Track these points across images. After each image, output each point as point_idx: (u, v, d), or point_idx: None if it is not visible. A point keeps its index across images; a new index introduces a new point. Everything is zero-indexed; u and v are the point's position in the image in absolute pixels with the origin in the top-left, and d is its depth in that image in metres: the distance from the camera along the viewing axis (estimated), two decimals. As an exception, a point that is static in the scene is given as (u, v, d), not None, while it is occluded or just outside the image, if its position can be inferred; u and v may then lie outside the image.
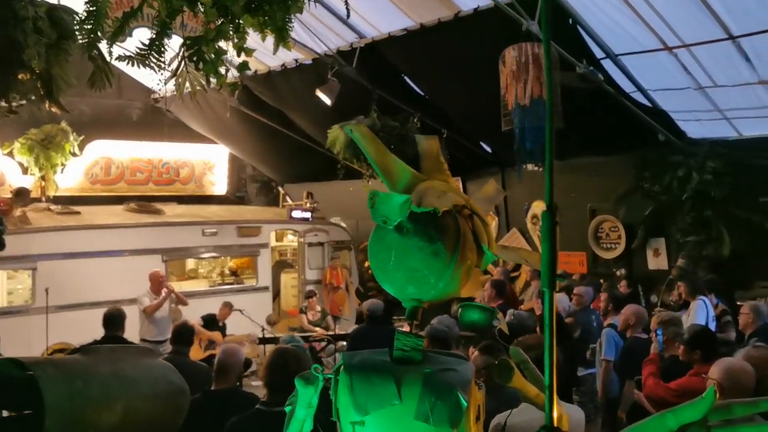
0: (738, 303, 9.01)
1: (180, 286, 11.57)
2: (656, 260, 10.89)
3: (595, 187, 11.23)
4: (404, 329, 1.78)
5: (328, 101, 10.22)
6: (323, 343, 10.67)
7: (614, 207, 11.09)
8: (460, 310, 1.87)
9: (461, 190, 2.00)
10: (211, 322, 10.38)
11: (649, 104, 9.27)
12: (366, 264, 14.64)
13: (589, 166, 11.02)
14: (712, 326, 7.22)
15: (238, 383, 4.70)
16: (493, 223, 12.78)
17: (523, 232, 12.71)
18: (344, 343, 10.10)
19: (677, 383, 4.89)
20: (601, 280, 10.56)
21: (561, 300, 8.21)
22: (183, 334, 5.81)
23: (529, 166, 8.57)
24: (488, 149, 12.29)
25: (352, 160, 10.79)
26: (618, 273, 11.04)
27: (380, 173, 1.76)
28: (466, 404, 1.61)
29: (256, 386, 8.58)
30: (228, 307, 10.70)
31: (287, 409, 1.82)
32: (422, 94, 10.93)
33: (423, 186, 1.76)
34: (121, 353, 1.93)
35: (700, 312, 7.45)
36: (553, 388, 1.40)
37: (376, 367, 1.69)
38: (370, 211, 1.61)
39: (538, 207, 12.01)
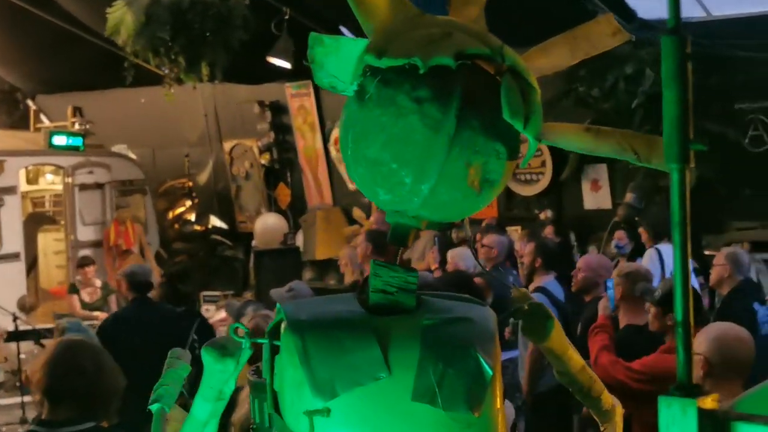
0: (706, 253, 9.30)
1: None
2: (595, 196, 11.15)
3: None
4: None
5: (286, 64, 11.18)
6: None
7: None
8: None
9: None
10: None
11: (583, -28, 9.23)
12: (172, 213, 14.97)
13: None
14: (671, 286, 7.44)
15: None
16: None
17: None
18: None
19: (643, 363, 4.92)
20: (517, 229, 10.77)
21: (463, 256, 8.25)
22: None
23: None
24: (353, 37, 12.08)
25: (147, 55, 10.67)
26: (542, 216, 11.20)
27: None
28: (491, 372, 1.64)
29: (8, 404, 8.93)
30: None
31: (154, 408, 1.87)
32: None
33: (399, 25, 1.71)
34: None
35: (651, 267, 7.59)
36: (689, 327, 1.27)
37: (343, 321, 1.70)
38: (312, 69, 1.68)
39: None
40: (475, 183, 1.68)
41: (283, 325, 1.72)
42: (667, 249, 8.16)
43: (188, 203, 15.14)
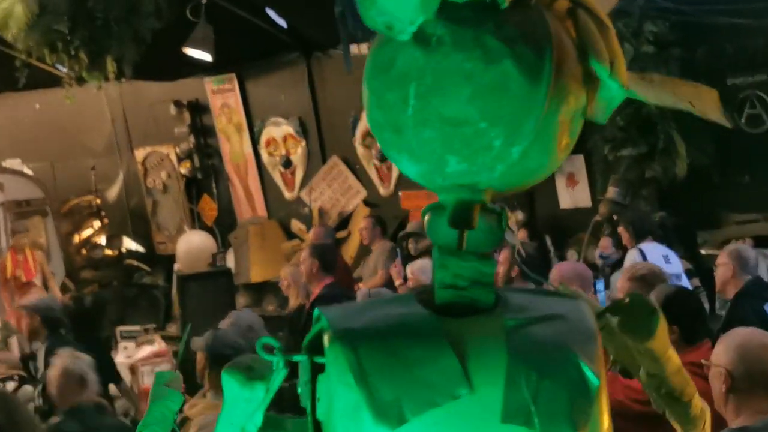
0: (702, 252, 9.25)
1: None
2: (572, 193, 11.17)
3: None
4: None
5: (205, 56, 11.15)
6: (12, 383, 9.74)
7: None
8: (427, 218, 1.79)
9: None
10: None
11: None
12: (78, 236, 14.72)
13: None
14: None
15: None
16: (299, 148, 13.22)
17: (350, 161, 12.81)
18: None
19: None
20: None
21: (426, 270, 8.06)
22: None
23: (362, 47, 8.97)
24: (281, 22, 12.29)
25: (42, 52, 10.50)
26: (512, 218, 10.99)
27: None
28: (597, 381, 1.60)
29: None
30: None
31: None
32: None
33: None
34: None
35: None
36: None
37: (407, 326, 1.64)
38: (361, 9, 1.56)
39: None
40: (562, 143, 1.67)
41: (326, 337, 1.66)
42: (651, 248, 8.15)
43: (97, 224, 14.93)
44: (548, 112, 1.61)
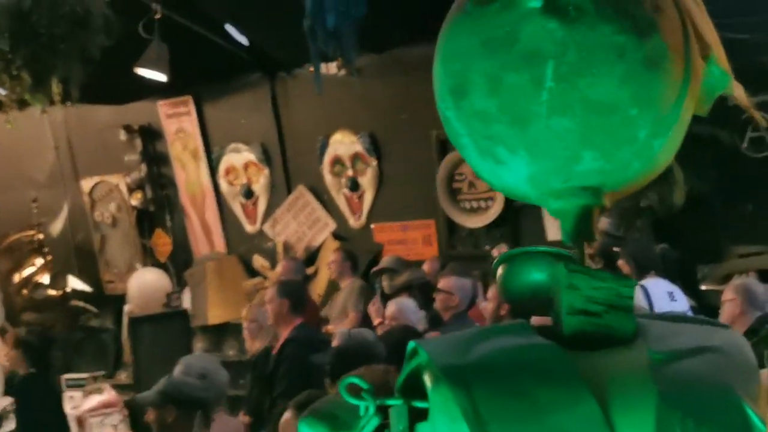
0: (703, 287, 9.23)
1: None
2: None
3: None
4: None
5: (159, 76, 11.08)
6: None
7: None
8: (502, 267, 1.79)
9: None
10: None
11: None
12: (18, 275, 14.42)
13: (431, 61, 10.72)
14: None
15: None
16: (262, 177, 13.15)
17: (317, 191, 12.73)
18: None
19: None
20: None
21: (408, 308, 8.22)
22: None
23: (330, 67, 9.17)
24: (242, 39, 12.16)
25: None
26: (495, 252, 10.82)
27: None
28: (764, 428, 1.50)
29: None
30: None
31: None
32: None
33: None
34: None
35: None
36: None
37: (530, 363, 1.54)
38: None
39: (345, 143, 12.12)
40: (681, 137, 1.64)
41: (427, 375, 1.56)
42: (654, 285, 8.24)
43: (39, 261, 14.75)
44: (687, 99, 1.59)
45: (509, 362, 1.56)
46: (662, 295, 7.97)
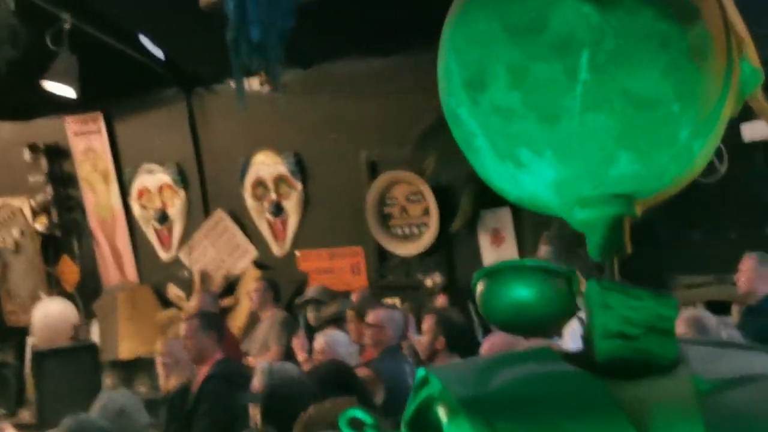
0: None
1: None
2: (498, 251, 11.11)
3: (376, 119, 11.33)
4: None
5: (68, 91, 11.01)
6: None
7: (414, 154, 11.11)
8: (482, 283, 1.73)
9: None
10: None
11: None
12: None
13: (364, 78, 11.13)
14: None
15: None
16: (178, 200, 13.14)
17: (237, 215, 12.72)
18: None
19: None
20: (395, 301, 10.88)
21: (337, 341, 8.26)
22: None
23: (253, 82, 9.39)
24: (158, 53, 12.21)
25: None
26: (429, 282, 11.13)
27: None
28: None
29: None
30: None
31: None
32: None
33: None
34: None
35: (573, 341, 7.47)
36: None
37: (563, 394, 1.48)
38: None
39: (268, 164, 12.14)
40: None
41: (442, 409, 1.49)
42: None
43: (-67, 290, 14.48)
44: (728, 97, 1.55)
45: (536, 393, 1.50)
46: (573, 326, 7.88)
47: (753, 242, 9.49)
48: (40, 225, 13.92)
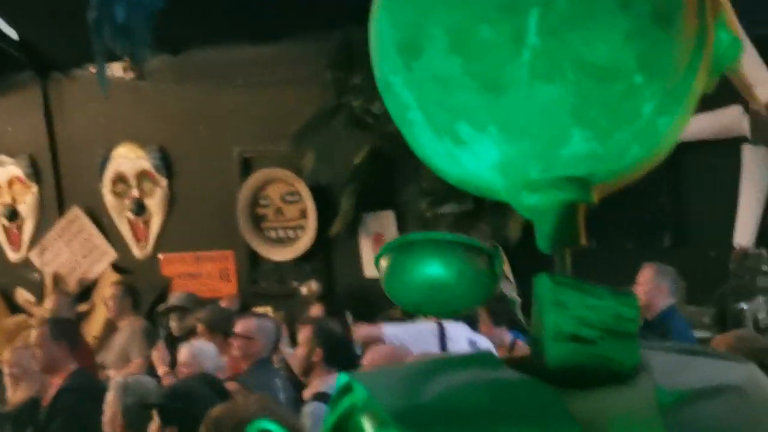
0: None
1: None
2: None
3: (250, 112, 11.47)
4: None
5: None
6: None
7: (291, 151, 11.22)
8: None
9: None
10: None
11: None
12: None
13: (239, 67, 11.36)
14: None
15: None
16: (29, 195, 13.06)
17: (95, 214, 12.64)
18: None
19: None
20: (267, 310, 10.85)
21: (205, 353, 8.16)
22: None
23: (115, 68, 9.58)
24: (11, 33, 12.14)
25: None
26: (304, 290, 11.12)
27: None
28: None
29: None
30: None
31: None
32: None
33: None
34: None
35: (425, 347, 7.76)
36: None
37: (510, 405, 1.48)
38: None
39: (130, 158, 12.09)
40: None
41: (367, 420, 1.43)
42: (452, 324, 8.12)
43: None
44: (699, 71, 1.52)
45: (477, 404, 1.47)
46: (461, 335, 8.04)
47: (651, 253, 9.58)
48: None
